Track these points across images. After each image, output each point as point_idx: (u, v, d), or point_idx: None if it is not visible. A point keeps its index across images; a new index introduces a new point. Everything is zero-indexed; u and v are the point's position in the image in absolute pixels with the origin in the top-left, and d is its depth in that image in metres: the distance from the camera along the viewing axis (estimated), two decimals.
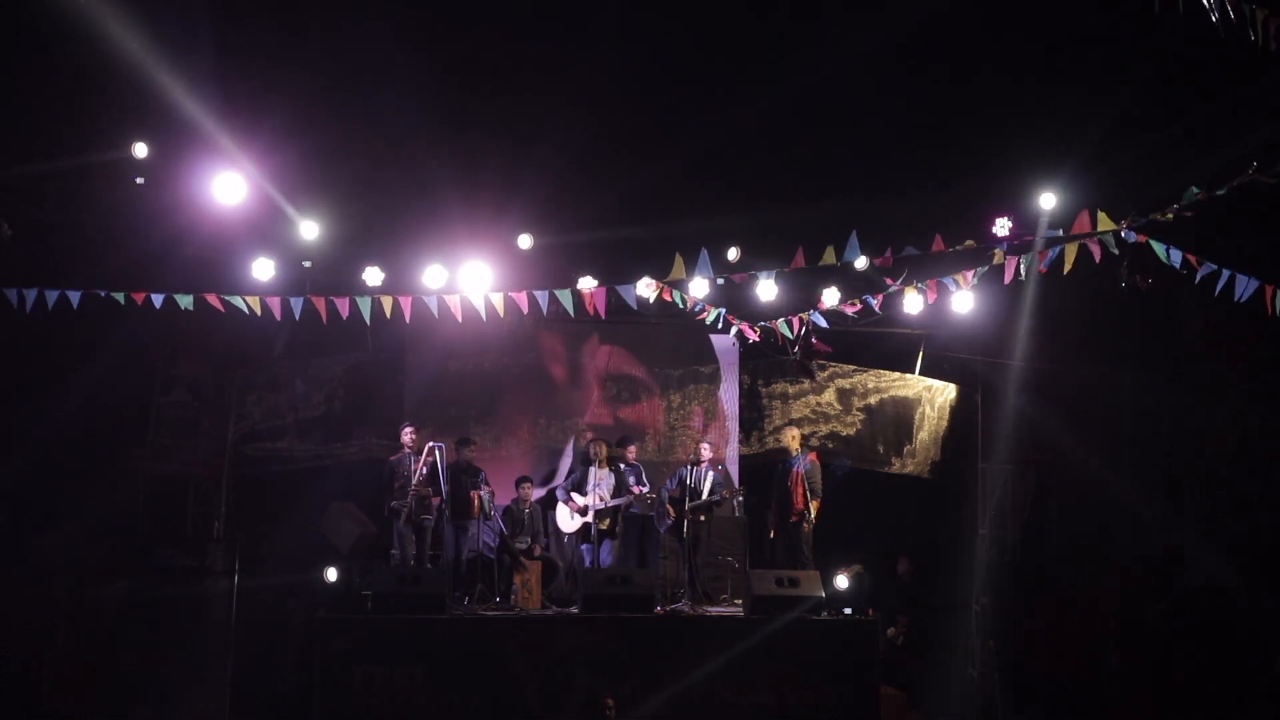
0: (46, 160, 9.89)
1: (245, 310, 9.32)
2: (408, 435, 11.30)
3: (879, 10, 10.75)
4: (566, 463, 12.62)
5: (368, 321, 9.50)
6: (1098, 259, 8.29)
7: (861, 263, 9.66)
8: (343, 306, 9.37)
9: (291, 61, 10.37)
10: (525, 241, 10.50)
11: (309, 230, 10.03)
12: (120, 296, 9.02)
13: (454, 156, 11.01)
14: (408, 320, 9.58)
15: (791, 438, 12.03)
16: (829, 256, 9.07)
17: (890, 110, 11.55)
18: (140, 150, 9.78)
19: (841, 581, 11.00)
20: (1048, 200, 9.86)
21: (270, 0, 10.63)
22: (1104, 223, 8.17)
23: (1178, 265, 8.05)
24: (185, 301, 9.14)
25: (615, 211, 11.18)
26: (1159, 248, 8.06)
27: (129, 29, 9.07)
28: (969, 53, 11.21)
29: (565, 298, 9.24)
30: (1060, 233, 8.43)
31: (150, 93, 9.68)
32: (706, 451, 11.72)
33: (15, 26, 9.49)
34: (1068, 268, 8.36)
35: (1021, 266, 8.62)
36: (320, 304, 9.31)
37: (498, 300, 9.31)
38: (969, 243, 8.77)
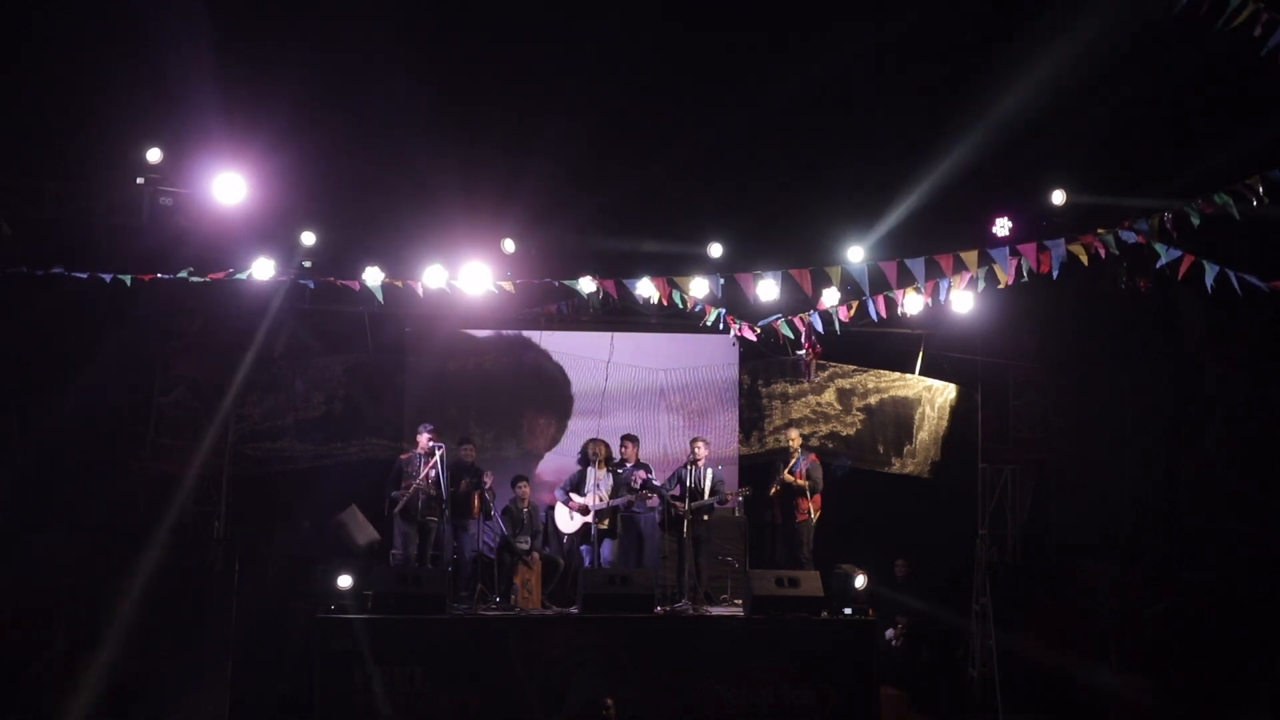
0: (53, 164, 9.94)
1: (256, 278, 9.33)
2: (426, 436, 11.29)
3: (880, 9, 10.78)
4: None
5: (380, 300, 9.54)
6: (1091, 259, 8.32)
7: (856, 252, 9.74)
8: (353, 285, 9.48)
9: (292, 66, 10.39)
10: (509, 246, 10.59)
11: (307, 238, 10.14)
12: (127, 279, 9.05)
13: (453, 159, 11.04)
14: (421, 294, 9.60)
15: (794, 439, 12.05)
16: (835, 275, 9.15)
17: (890, 109, 11.56)
18: (154, 154, 9.79)
19: (860, 581, 10.98)
20: (1058, 196, 9.92)
21: (271, 6, 10.65)
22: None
23: (1176, 266, 8.05)
24: (195, 280, 9.17)
25: (615, 212, 11.22)
26: (1160, 249, 8.06)
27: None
28: (969, 53, 11.23)
29: (580, 286, 9.33)
30: (1062, 240, 8.44)
31: (154, 96, 9.72)
32: (702, 450, 11.70)
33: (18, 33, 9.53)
34: (1086, 260, 8.36)
35: (1023, 267, 8.62)
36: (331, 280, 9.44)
37: (508, 285, 9.40)
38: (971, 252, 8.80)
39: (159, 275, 9.15)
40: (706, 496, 11.49)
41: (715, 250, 11.42)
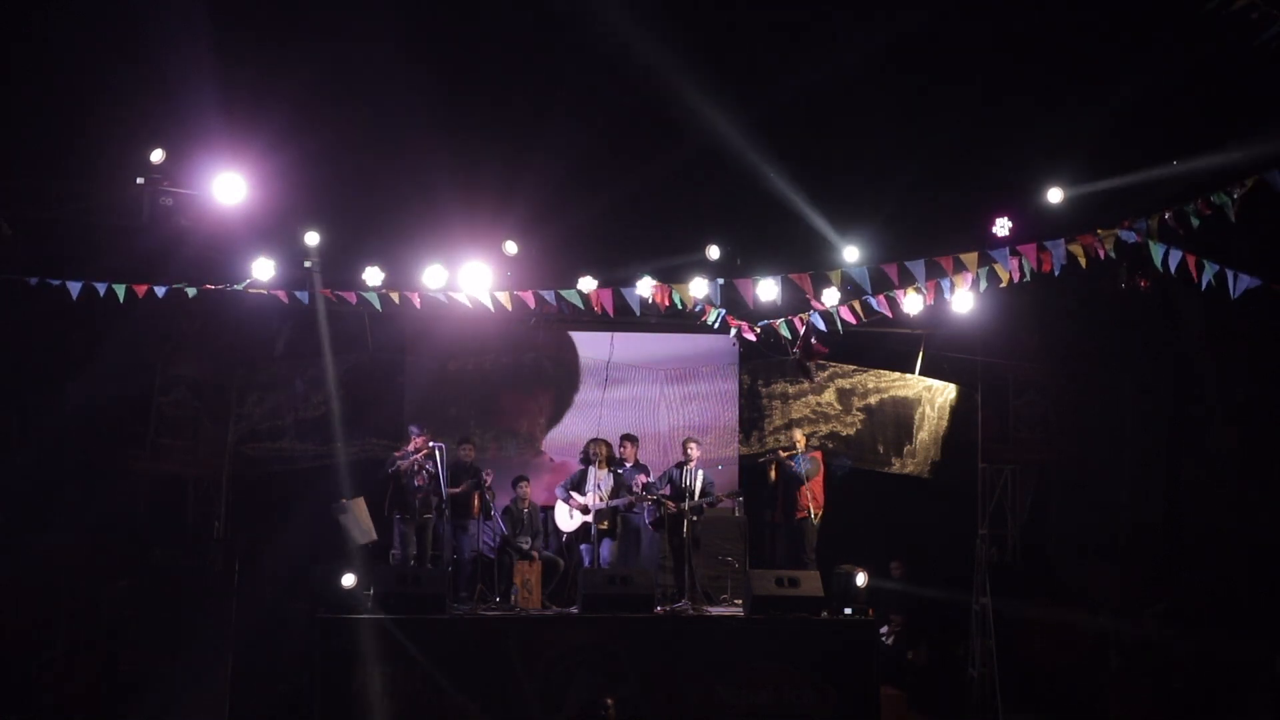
0: (53, 164, 9.92)
1: (249, 291, 9.33)
2: (421, 439, 11.27)
3: (878, 9, 10.77)
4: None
5: (378, 308, 9.55)
6: (1091, 260, 8.31)
7: (852, 252, 9.68)
8: (349, 299, 9.44)
9: (292, 65, 10.38)
10: (511, 248, 10.59)
11: (311, 238, 10.14)
12: (120, 289, 9.03)
13: (453, 159, 11.05)
14: (418, 306, 9.60)
15: (799, 439, 12.06)
16: (835, 278, 9.16)
17: (889, 110, 11.56)
18: (158, 155, 9.79)
19: (861, 579, 10.98)
20: (1055, 194, 9.92)
21: (271, 6, 10.65)
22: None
23: (1175, 266, 8.04)
24: (191, 291, 9.16)
25: (614, 213, 11.23)
26: (1157, 249, 8.05)
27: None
28: (969, 52, 11.22)
29: (572, 296, 9.31)
30: (1062, 240, 8.44)
31: (154, 96, 9.71)
32: (694, 450, 11.71)
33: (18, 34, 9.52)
34: (1084, 263, 8.36)
35: (1024, 266, 8.62)
36: (326, 294, 9.39)
37: (504, 297, 9.37)
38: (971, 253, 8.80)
39: (154, 288, 9.14)
40: (696, 498, 11.49)
41: (714, 252, 11.43)
